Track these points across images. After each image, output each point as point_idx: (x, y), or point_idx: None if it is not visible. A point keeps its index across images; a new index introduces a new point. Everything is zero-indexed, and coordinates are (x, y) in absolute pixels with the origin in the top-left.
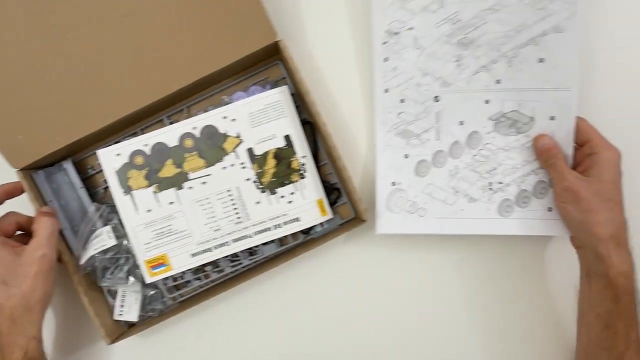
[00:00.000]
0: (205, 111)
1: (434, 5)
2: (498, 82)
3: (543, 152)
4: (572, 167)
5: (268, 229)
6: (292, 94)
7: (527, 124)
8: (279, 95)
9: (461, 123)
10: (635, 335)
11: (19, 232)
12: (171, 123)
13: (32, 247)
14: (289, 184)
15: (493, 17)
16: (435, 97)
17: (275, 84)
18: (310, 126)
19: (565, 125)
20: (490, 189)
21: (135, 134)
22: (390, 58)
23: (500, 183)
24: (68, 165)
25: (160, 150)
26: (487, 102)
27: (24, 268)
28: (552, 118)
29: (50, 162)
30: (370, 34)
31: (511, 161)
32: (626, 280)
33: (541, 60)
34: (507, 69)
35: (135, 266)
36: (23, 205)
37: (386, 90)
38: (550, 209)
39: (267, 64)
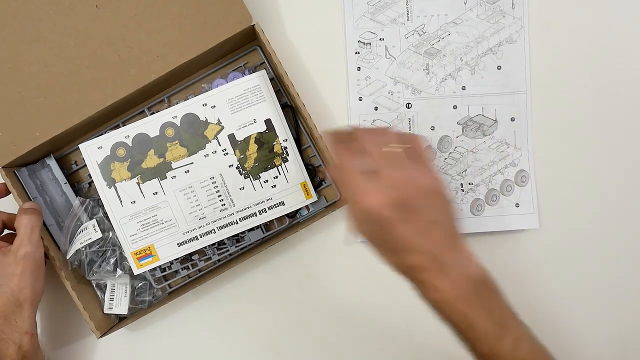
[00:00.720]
0: (186, 100)
1: (402, 18)
2: (463, 88)
3: None
4: None
5: (253, 215)
6: (272, 79)
7: (491, 126)
8: (258, 80)
9: (432, 128)
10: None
11: (7, 232)
12: (152, 114)
13: (15, 247)
14: (272, 168)
15: (455, 30)
16: (407, 104)
17: (254, 70)
18: (292, 110)
19: (524, 125)
20: (462, 190)
21: (117, 127)
22: (363, 67)
23: (470, 184)
24: (51, 162)
25: (142, 141)
26: (455, 107)
27: (11, 267)
28: (512, 119)
29: (34, 159)
30: (344, 45)
31: (479, 162)
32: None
33: (499, 68)
34: (471, 76)
35: (123, 258)
36: (11, 203)
37: (360, 99)
38: (517, 205)
39: (245, 49)
